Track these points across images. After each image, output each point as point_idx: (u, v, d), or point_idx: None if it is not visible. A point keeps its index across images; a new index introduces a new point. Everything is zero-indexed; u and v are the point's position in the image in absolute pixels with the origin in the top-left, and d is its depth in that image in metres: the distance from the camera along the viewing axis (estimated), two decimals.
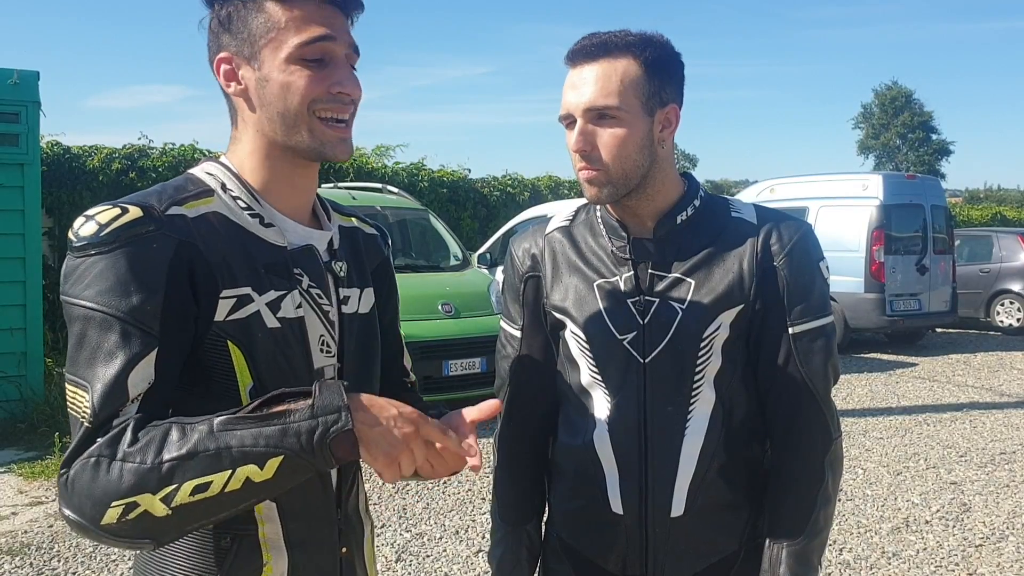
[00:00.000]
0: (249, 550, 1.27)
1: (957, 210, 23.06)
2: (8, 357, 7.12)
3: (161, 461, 1.08)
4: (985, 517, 5.29)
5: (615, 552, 1.64)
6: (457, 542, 4.80)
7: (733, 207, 1.64)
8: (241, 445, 1.08)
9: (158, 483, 1.07)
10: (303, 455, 1.09)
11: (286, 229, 1.31)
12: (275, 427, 1.09)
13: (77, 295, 1.15)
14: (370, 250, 1.51)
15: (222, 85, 1.29)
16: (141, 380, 1.13)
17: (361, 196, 9.28)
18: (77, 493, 1.09)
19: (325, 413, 1.10)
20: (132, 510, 1.07)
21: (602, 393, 1.61)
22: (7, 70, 7.07)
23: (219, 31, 1.28)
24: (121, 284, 1.14)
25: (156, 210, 1.20)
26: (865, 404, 8.67)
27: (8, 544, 4.67)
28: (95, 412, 1.12)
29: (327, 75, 1.25)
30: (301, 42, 1.23)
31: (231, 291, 1.22)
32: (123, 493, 1.07)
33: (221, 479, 1.08)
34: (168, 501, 1.08)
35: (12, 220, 7.19)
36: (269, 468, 1.09)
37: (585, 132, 1.53)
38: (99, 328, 1.14)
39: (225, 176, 1.31)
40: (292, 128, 1.26)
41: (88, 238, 1.16)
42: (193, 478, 1.08)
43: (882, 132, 57.44)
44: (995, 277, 14.56)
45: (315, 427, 1.09)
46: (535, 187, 16.34)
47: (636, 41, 1.52)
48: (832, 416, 1.60)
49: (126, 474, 1.08)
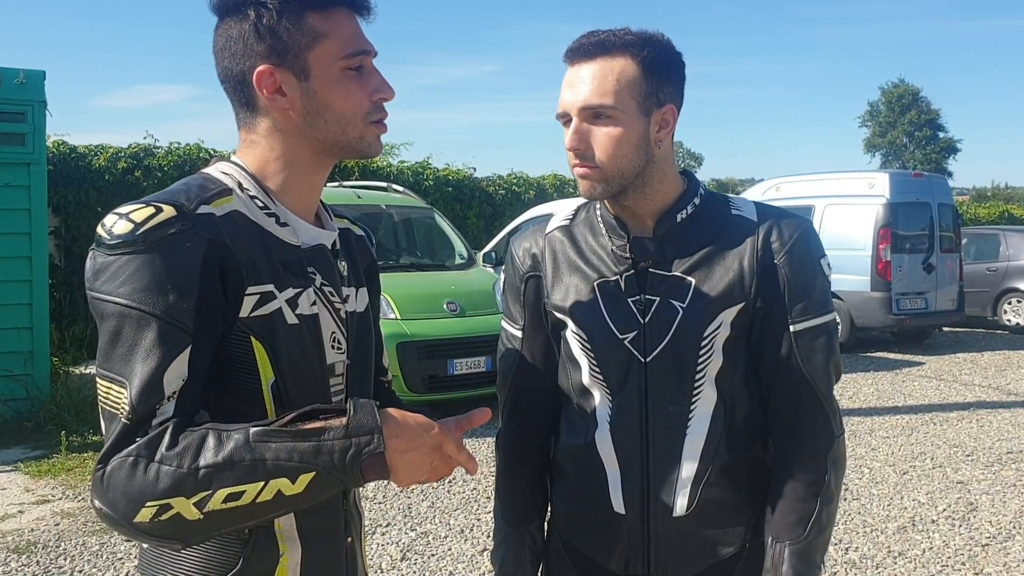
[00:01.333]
0: (266, 542, 1.29)
1: (964, 208, 22.98)
2: (15, 356, 7.15)
3: (198, 467, 1.11)
4: (992, 516, 5.27)
5: (617, 552, 1.63)
6: (462, 541, 4.80)
7: (733, 205, 1.64)
8: (276, 458, 1.12)
9: (193, 488, 1.11)
10: (334, 473, 1.14)
11: (299, 229, 1.35)
12: (310, 443, 1.13)
13: (111, 292, 1.16)
14: (361, 250, 1.55)
15: (261, 98, 1.30)
16: (176, 377, 1.15)
17: (366, 195, 9.29)
18: (112, 489, 1.12)
19: (359, 434, 1.15)
20: (166, 511, 1.10)
21: (603, 393, 1.61)
22: (13, 70, 7.09)
23: (253, 42, 1.27)
24: (157, 283, 1.16)
25: (188, 208, 1.21)
26: (871, 403, 8.64)
27: (15, 542, 4.69)
28: (133, 408, 1.13)
29: (366, 83, 1.31)
30: (346, 54, 1.29)
31: (256, 288, 1.24)
32: (159, 495, 1.10)
33: (254, 489, 1.12)
34: (201, 506, 1.11)
35: (18, 219, 7.22)
36: (301, 483, 1.13)
37: (580, 131, 1.53)
38: (135, 325, 1.15)
39: (241, 176, 1.33)
40: (342, 132, 1.31)
41: (123, 236, 1.17)
42: (227, 486, 1.11)
43: (889, 130, 57.32)
44: (1002, 276, 14.50)
45: (348, 447, 1.14)
46: (540, 186, 16.35)
47: (635, 40, 1.52)
48: (834, 414, 1.60)
49: (163, 477, 1.11)
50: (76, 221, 11.55)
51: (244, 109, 1.33)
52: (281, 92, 1.29)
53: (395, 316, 7.26)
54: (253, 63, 1.28)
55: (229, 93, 1.34)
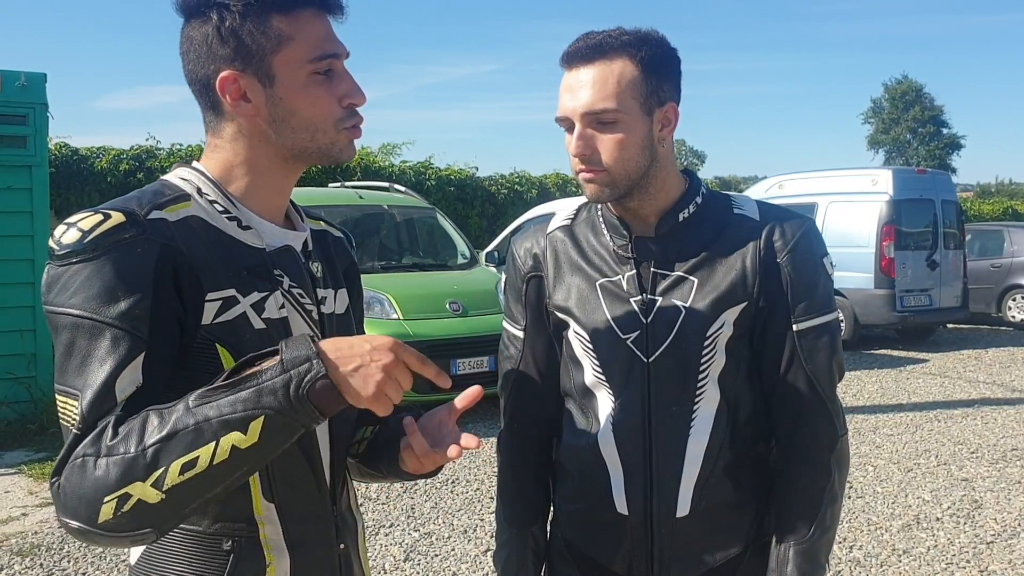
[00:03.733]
0: (252, 552, 1.27)
1: (968, 205, 22.97)
2: (18, 359, 7.15)
3: (144, 447, 1.07)
4: (997, 514, 5.26)
5: (620, 553, 1.63)
6: (465, 541, 4.80)
7: (735, 204, 1.63)
8: (220, 415, 1.07)
9: (145, 469, 1.06)
10: (284, 411, 1.08)
11: (263, 231, 1.31)
12: (249, 390, 1.08)
13: (63, 304, 1.14)
14: (340, 252, 1.52)
15: (225, 103, 1.26)
16: (129, 384, 1.13)
17: (368, 195, 9.30)
18: (70, 497, 1.09)
19: (295, 365, 1.09)
20: (126, 502, 1.07)
21: (606, 393, 1.60)
22: (14, 72, 7.09)
23: (216, 46, 1.23)
24: (108, 290, 1.13)
25: (138, 214, 1.18)
26: (875, 401, 8.63)
27: (19, 545, 4.69)
28: (83, 418, 1.11)
29: (335, 87, 1.27)
30: (312, 58, 1.24)
31: (216, 294, 1.21)
32: (112, 487, 1.06)
33: (207, 452, 1.07)
34: (159, 485, 1.07)
35: (21, 222, 7.22)
36: (252, 432, 1.08)
37: (584, 136, 1.51)
38: (88, 335, 1.13)
39: (200, 180, 1.30)
40: (310, 139, 1.27)
41: (71, 246, 1.15)
42: (179, 457, 1.06)
43: (892, 127, 57.24)
44: (1006, 272, 14.47)
45: (288, 380, 1.08)
46: (543, 185, 16.36)
47: (631, 40, 1.51)
48: (838, 413, 1.59)
49: (112, 467, 1.07)
50: None
51: (210, 112, 1.30)
52: (246, 98, 1.25)
53: (397, 316, 7.26)
54: (217, 68, 1.24)
55: (196, 96, 1.30)
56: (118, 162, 11.98)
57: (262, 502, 1.27)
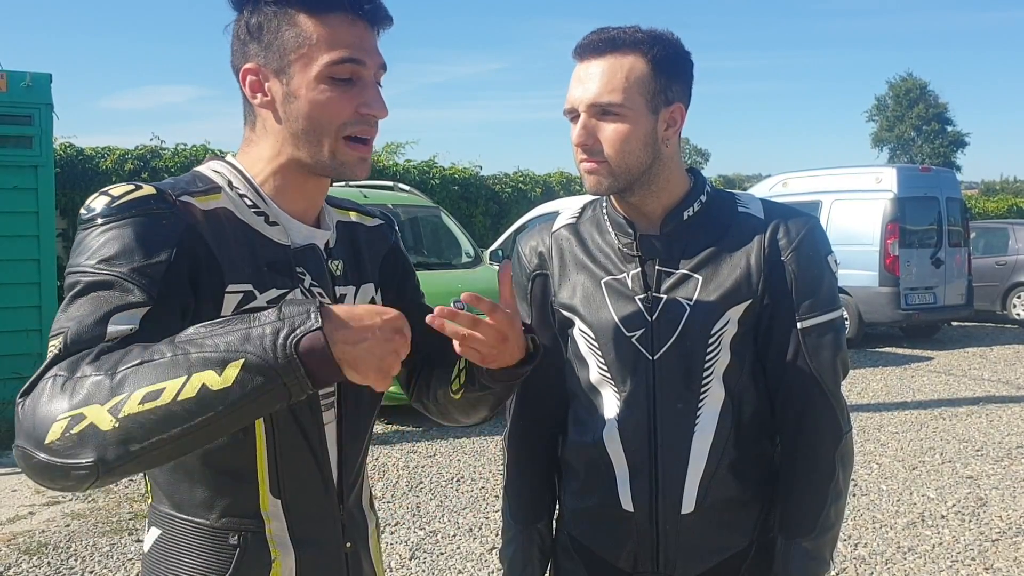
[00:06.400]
0: (257, 548, 1.28)
1: (972, 202, 22.88)
2: (23, 358, 7.17)
3: (115, 372, 1.01)
4: (1002, 511, 5.26)
5: (626, 549, 1.63)
6: (471, 539, 4.81)
7: (740, 202, 1.64)
8: (200, 351, 1.00)
9: (109, 393, 0.99)
10: (268, 362, 1.00)
11: (290, 228, 1.32)
12: (238, 332, 1.02)
13: (78, 264, 1.13)
14: (373, 243, 1.49)
15: (247, 95, 1.29)
16: (123, 323, 1.08)
17: (372, 194, 9.29)
18: (27, 414, 1.02)
19: (291, 315, 1.02)
20: (78, 423, 0.99)
21: (611, 390, 1.61)
22: (20, 73, 7.11)
23: (247, 39, 1.26)
24: (125, 251, 1.13)
25: (169, 194, 1.20)
26: (880, 398, 8.62)
27: (26, 543, 4.71)
28: (66, 345, 1.06)
29: (355, 95, 1.25)
30: (331, 61, 1.23)
31: (236, 287, 1.22)
32: (73, 406, 1.00)
33: (175, 385, 0.99)
34: (116, 412, 0.99)
35: (26, 222, 7.24)
36: (227, 375, 0.99)
37: (588, 126, 1.53)
38: (93, 287, 1.11)
39: (232, 174, 1.31)
40: (315, 146, 1.26)
41: (99, 209, 1.16)
42: (145, 386, 0.99)
43: (896, 124, 57.11)
44: (1011, 270, 14.44)
45: (278, 329, 1.01)
46: (547, 183, 16.34)
47: (644, 38, 1.52)
48: (842, 410, 1.59)
49: (80, 388, 1.01)
50: None
51: (245, 105, 1.32)
52: (264, 92, 1.27)
53: None
54: (242, 60, 1.27)
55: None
56: (123, 162, 12.00)
57: (269, 498, 1.28)
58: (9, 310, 7.13)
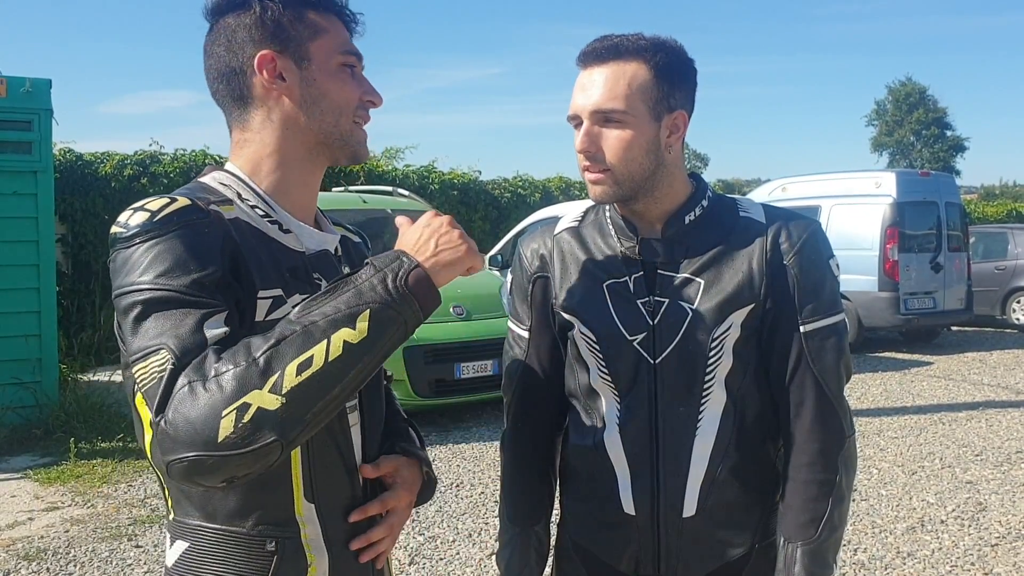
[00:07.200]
0: (294, 552, 1.29)
1: (972, 207, 22.92)
2: (23, 364, 7.17)
3: (254, 358, 1.07)
4: (1001, 516, 5.25)
5: (628, 553, 1.63)
6: (470, 545, 4.80)
7: (741, 207, 1.64)
8: (324, 316, 1.12)
9: (260, 376, 1.06)
10: (388, 304, 1.14)
11: (302, 235, 1.35)
12: (347, 292, 1.15)
13: (133, 283, 1.14)
14: (359, 257, 1.55)
15: (258, 85, 1.31)
16: (215, 328, 1.12)
17: (372, 199, 9.30)
18: (180, 427, 1.05)
19: (386, 264, 1.18)
20: (245, 411, 1.05)
21: (612, 394, 1.61)
22: (20, 78, 7.12)
23: (258, 32, 1.31)
24: (180, 264, 1.15)
25: (201, 203, 1.23)
26: (880, 403, 8.62)
27: (25, 549, 4.70)
28: (177, 356, 1.09)
29: (358, 84, 1.37)
30: (343, 51, 1.35)
31: (267, 292, 1.25)
32: (229, 399, 1.05)
33: (320, 350, 1.09)
34: (277, 389, 1.06)
35: (26, 227, 7.24)
36: (360, 327, 1.12)
37: (591, 133, 1.53)
38: (162, 304, 1.12)
39: (238, 185, 1.33)
40: (333, 126, 1.34)
41: (141, 224, 1.17)
42: (293, 359, 1.08)
43: (896, 129, 57.16)
44: (1011, 274, 14.45)
45: (384, 277, 1.16)
46: (546, 188, 16.35)
47: (647, 46, 1.53)
48: (845, 414, 1.59)
49: (225, 383, 1.05)
50: (83, 228, 11.58)
51: (237, 105, 1.34)
52: (281, 77, 1.32)
53: None
54: (255, 50, 1.31)
55: (221, 92, 1.35)
56: (122, 167, 11.99)
57: (303, 503, 1.29)
58: (8, 315, 7.13)
